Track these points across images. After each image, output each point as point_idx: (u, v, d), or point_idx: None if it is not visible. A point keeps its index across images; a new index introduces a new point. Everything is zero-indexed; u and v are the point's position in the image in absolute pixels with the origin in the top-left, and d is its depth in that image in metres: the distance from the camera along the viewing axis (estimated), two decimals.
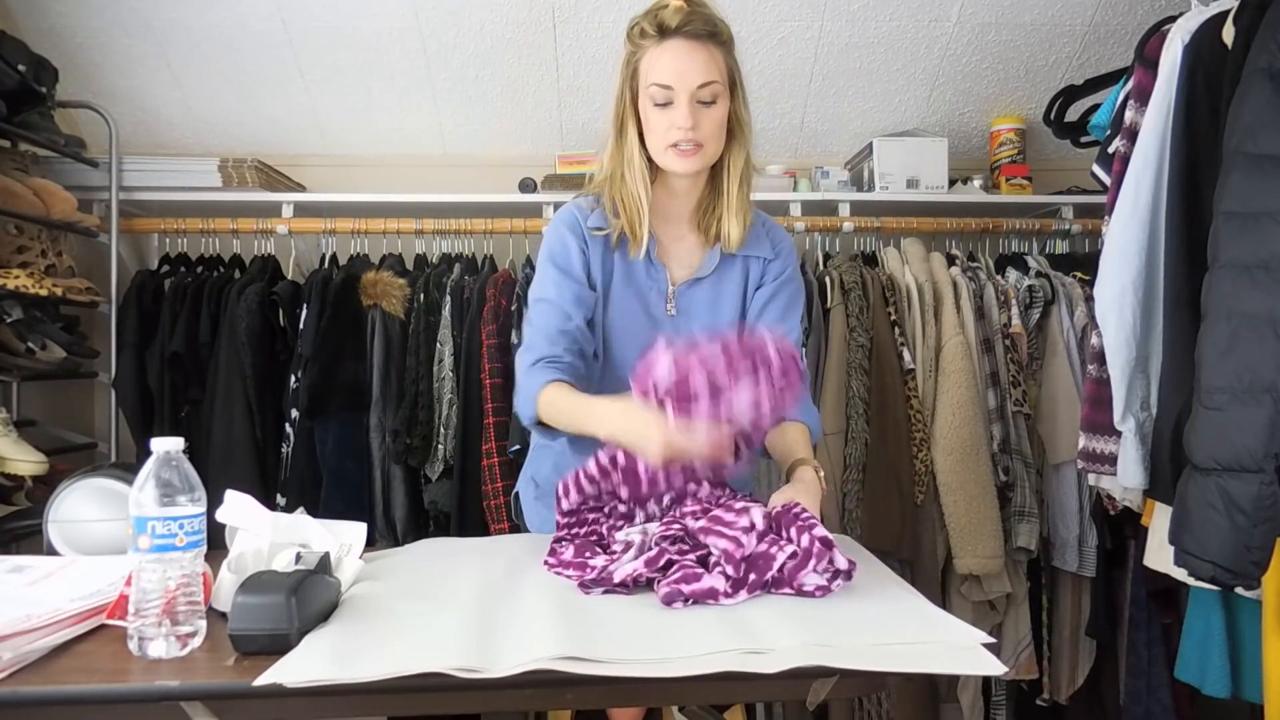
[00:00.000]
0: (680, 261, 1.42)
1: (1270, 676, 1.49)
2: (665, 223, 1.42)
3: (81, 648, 0.91)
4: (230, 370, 2.22)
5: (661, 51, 1.28)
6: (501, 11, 2.44)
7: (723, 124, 1.32)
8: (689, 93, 1.27)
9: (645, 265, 1.40)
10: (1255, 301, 1.33)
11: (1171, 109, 1.59)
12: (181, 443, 0.92)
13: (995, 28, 2.56)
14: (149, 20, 2.42)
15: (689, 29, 1.27)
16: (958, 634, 0.91)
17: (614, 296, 1.40)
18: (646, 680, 0.81)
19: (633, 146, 1.34)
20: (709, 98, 1.28)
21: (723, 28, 1.31)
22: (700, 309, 1.41)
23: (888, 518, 2.21)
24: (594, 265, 1.39)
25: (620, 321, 1.40)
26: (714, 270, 1.41)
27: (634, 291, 1.40)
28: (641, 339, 1.38)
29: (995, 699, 2.40)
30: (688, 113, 1.27)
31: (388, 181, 2.70)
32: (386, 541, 2.22)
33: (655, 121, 1.30)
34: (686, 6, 1.28)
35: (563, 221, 1.42)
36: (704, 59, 1.28)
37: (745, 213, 1.38)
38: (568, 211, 1.43)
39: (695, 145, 1.29)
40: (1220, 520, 1.33)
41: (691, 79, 1.27)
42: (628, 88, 1.34)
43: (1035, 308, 2.36)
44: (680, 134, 1.28)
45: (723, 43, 1.31)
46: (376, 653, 0.85)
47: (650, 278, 1.40)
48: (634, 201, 1.35)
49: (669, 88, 1.27)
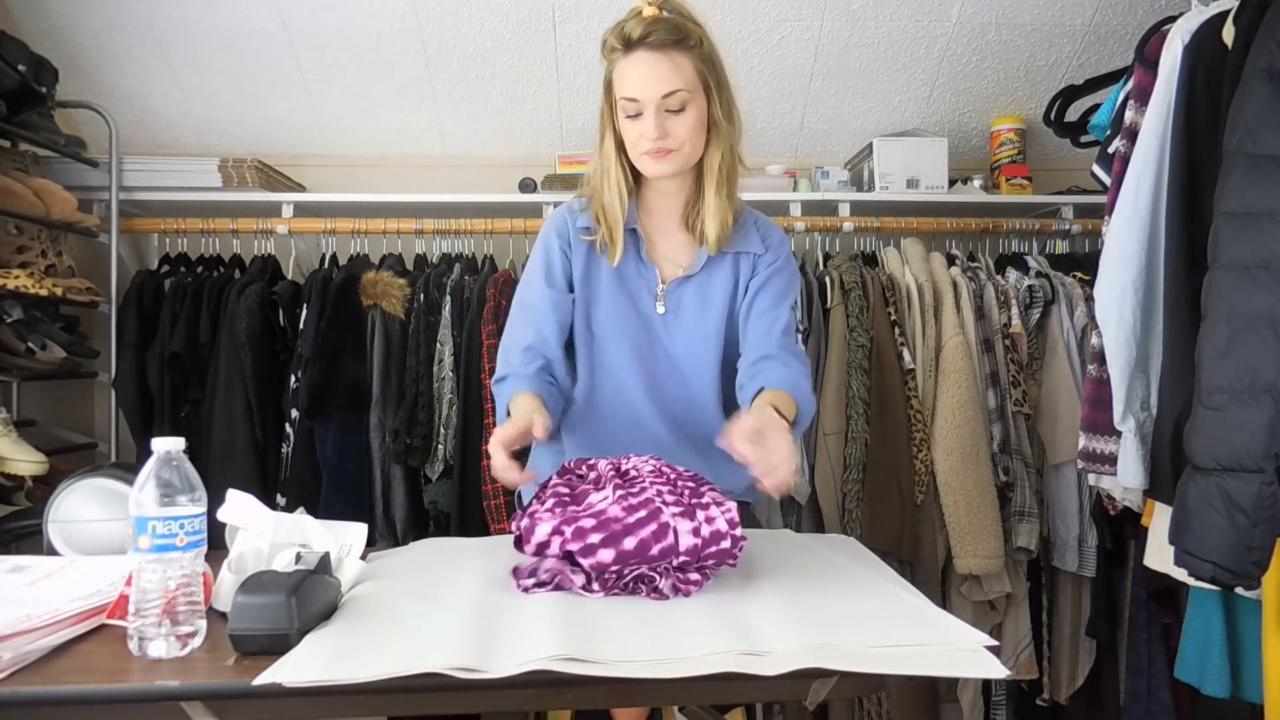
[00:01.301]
0: (670, 259, 1.44)
1: (1270, 676, 1.49)
2: (656, 221, 1.44)
3: (81, 648, 0.91)
4: (230, 370, 2.22)
5: (628, 64, 1.30)
6: (501, 11, 2.44)
7: (697, 127, 1.32)
8: (655, 103, 1.29)
9: (635, 264, 1.42)
10: (1255, 301, 1.34)
11: (1171, 109, 1.59)
12: (182, 443, 0.92)
13: (995, 28, 2.56)
14: (149, 20, 2.42)
15: (651, 39, 1.27)
16: (959, 636, 0.90)
17: (604, 295, 1.42)
18: (646, 680, 0.81)
19: (609, 157, 1.37)
20: (677, 106, 1.30)
21: (692, 31, 1.30)
22: (689, 307, 1.42)
23: (888, 518, 2.21)
24: (578, 267, 1.42)
25: (611, 319, 1.42)
26: (702, 268, 1.42)
27: (625, 290, 1.42)
28: (633, 336, 1.42)
29: (995, 699, 2.40)
30: (654, 123, 1.29)
31: (388, 181, 2.70)
32: (386, 541, 2.22)
33: (629, 132, 1.33)
34: (652, 15, 1.28)
35: (551, 223, 1.46)
36: (668, 69, 1.28)
37: (724, 212, 1.38)
38: (559, 213, 1.47)
39: (668, 150, 1.31)
40: (1220, 520, 1.33)
41: (656, 90, 1.28)
42: (605, 99, 1.36)
43: (1035, 308, 2.36)
44: (649, 143, 1.31)
45: (691, 47, 1.30)
46: (376, 653, 0.85)
47: (641, 276, 1.42)
48: (610, 212, 1.38)
49: (635, 100, 1.29)
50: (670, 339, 1.43)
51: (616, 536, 1.02)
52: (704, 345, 1.43)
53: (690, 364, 1.43)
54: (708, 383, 1.43)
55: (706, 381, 1.43)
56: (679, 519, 1.04)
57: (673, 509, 1.05)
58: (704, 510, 1.06)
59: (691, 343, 1.43)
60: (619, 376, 1.43)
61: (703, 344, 1.43)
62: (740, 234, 1.42)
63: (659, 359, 1.44)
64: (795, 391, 1.31)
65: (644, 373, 1.43)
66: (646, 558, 1.02)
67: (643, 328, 1.42)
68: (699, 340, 1.43)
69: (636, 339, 1.42)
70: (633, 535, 1.02)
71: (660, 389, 1.44)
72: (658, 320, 1.42)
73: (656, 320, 1.42)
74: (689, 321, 1.42)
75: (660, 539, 1.02)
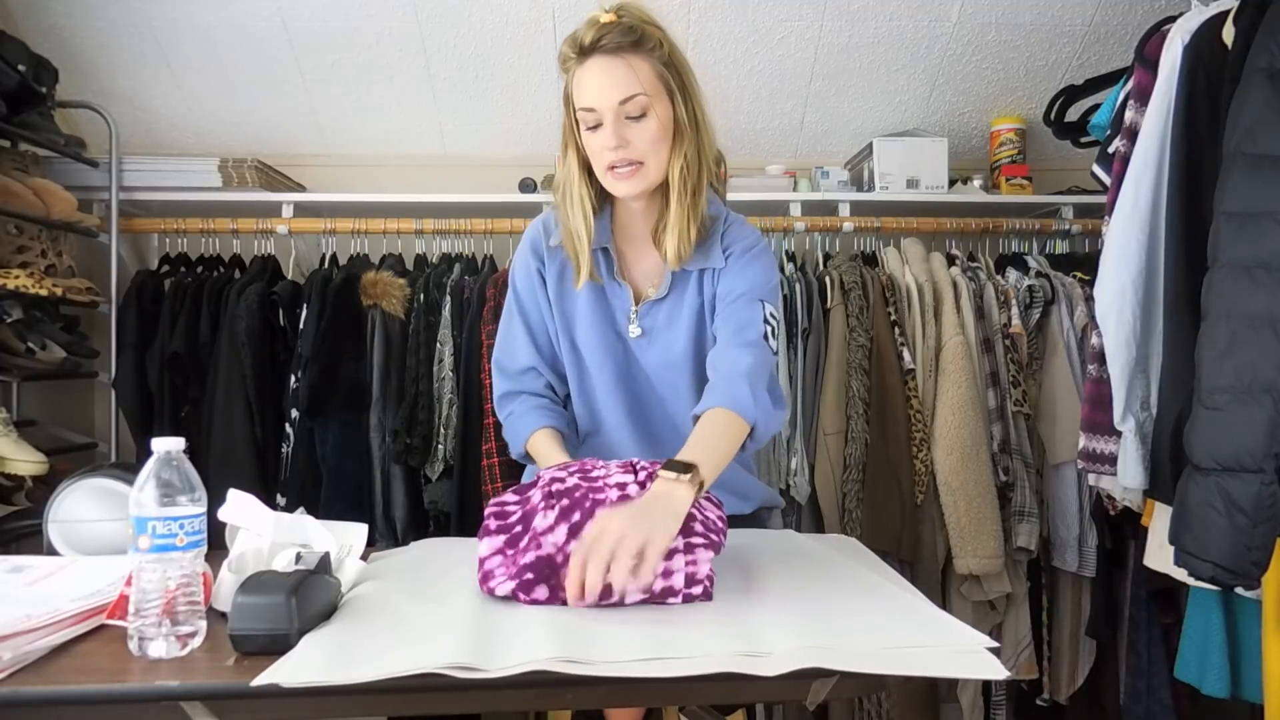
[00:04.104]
0: (645, 280, 1.38)
1: (1270, 676, 1.49)
2: (629, 241, 1.38)
3: (81, 648, 0.91)
4: (230, 370, 2.22)
5: (583, 73, 1.23)
6: (501, 11, 2.44)
7: (660, 135, 1.24)
8: (613, 110, 1.21)
9: (610, 284, 1.36)
10: (1255, 301, 1.34)
11: (1171, 109, 1.59)
12: (182, 443, 0.92)
13: (995, 28, 2.56)
14: (149, 20, 2.42)
15: (604, 44, 1.20)
16: (959, 637, 0.90)
17: (582, 315, 1.37)
18: (646, 680, 0.81)
19: (572, 178, 1.30)
20: (636, 111, 1.22)
21: (650, 33, 1.22)
22: (661, 330, 1.36)
23: (888, 518, 2.21)
24: (553, 284, 1.38)
25: (592, 339, 1.37)
26: (671, 289, 1.35)
27: (602, 310, 1.37)
28: (614, 358, 1.37)
29: (995, 699, 2.40)
30: (612, 132, 1.22)
31: (388, 181, 2.70)
32: (386, 541, 2.22)
33: (591, 145, 1.26)
34: (606, 19, 1.22)
35: (527, 239, 1.42)
36: (623, 73, 1.21)
37: (684, 224, 1.28)
38: (534, 228, 1.42)
39: (632, 165, 1.24)
40: (1220, 520, 1.33)
41: (612, 96, 1.21)
42: (567, 115, 1.29)
43: (1035, 308, 2.36)
44: (612, 155, 1.23)
45: (650, 50, 1.22)
46: (376, 653, 0.85)
47: (615, 297, 1.37)
48: (576, 236, 1.31)
49: (593, 110, 1.22)
50: (646, 361, 1.38)
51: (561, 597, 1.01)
52: (675, 371, 1.36)
53: (666, 388, 1.38)
54: (685, 408, 1.32)
55: (684, 407, 1.33)
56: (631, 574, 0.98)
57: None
58: (666, 560, 1.01)
59: (665, 367, 1.37)
60: (603, 399, 1.38)
61: (673, 370, 1.36)
62: (704, 249, 1.33)
63: (639, 381, 1.39)
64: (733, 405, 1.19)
65: (627, 396, 1.38)
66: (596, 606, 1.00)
67: (622, 349, 1.37)
68: (670, 366, 1.36)
69: (617, 361, 1.37)
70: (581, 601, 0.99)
71: (643, 412, 1.39)
72: (632, 343, 1.37)
73: (631, 343, 1.37)
74: (662, 346, 1.36)
75: (606, 597, 0.99)
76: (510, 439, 1.41)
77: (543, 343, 1.41)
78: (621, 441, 1.38)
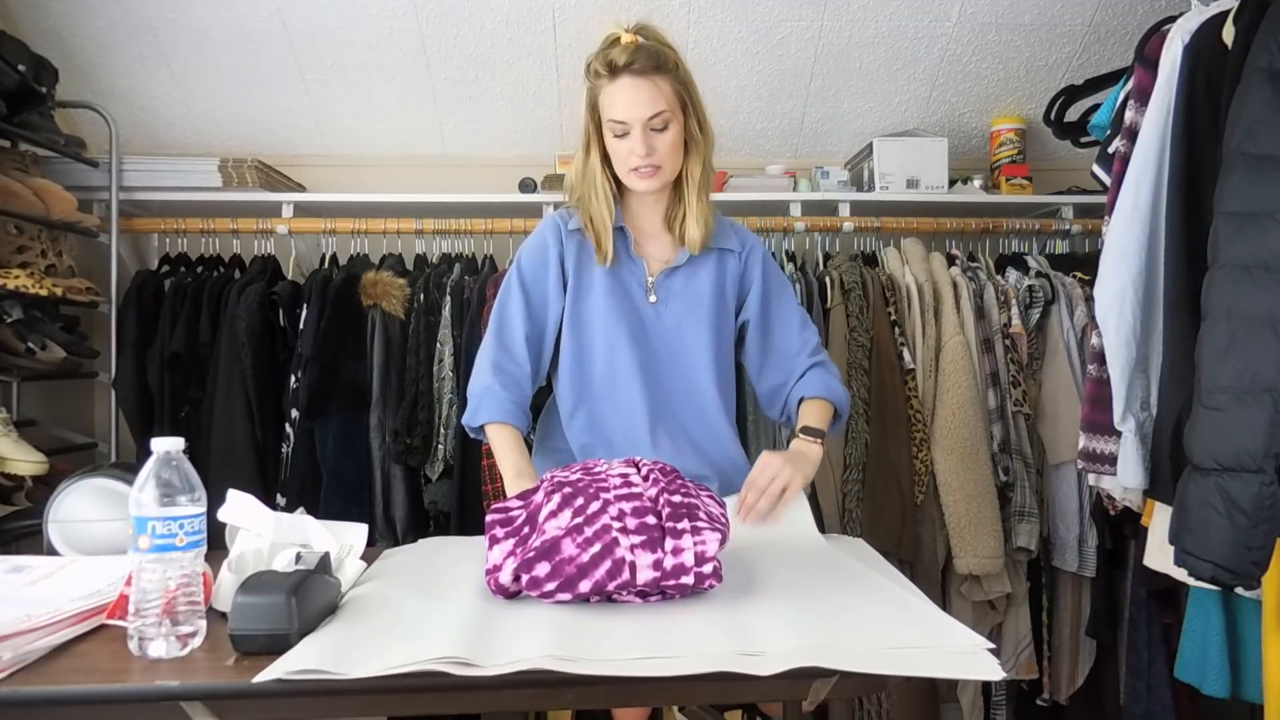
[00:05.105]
0: (656, 256, 1.56)
1: (1270, 676, 1.49)
2: (641, 225, 1.57)
3: (81, 648, 0.91)
4: (230, 370, 2.22)
5: (615, 90, 1.42)
6: (501, 11, 2.44)
7: (676, 144, 1.46)
8: (641, 124, 1.42)
9: (625, 260, 1.54)
10: (1255, 301, 1.33)
11: (1171, 109, 1.59)
12: (181, 443, 0.92)
13: (995, 28, 2.56)
14: (149, 20, 2.42)
15: (635, 66, 1.40)
16: (959, 637, 0.90)
17: (598, 286, 1.52)
18: (646, 680, 0.81)
19: (595, 171, 1.50)
20: (660, 125, 1.43)
21: (668, 56, 1.44)
22: (678, 294, 1.54)
23: (888, 518, 2.21)
24: (571, 261, 1.54)
25: (607, 306, 1.51)
26: (687, 261, 1.54)
27: (618, 282, 1.53)
28: (629, 322, 1.51)
29: (995, 699, 2.40)
30: (642, 142, 1.43)
31: (388, 181, 2.70)
32: (386, 541, 2.22)
33: (617, 149, 1.46)
34: (633, 43, 1.41)
35: (545, 224, 1.58)
36: (651, 93, 1.41)
37: (705, 216, 1.52)
38: (550, 218, 1.59)
39: (653, 168, 1.45)
40: (1220, 520, 1.33)
41: (642, 112, 1.42)
42: (591, 119, 1.48)
43: (1035, 308, 2.36)
44: (638, 160, 1.44)
45: (669, 71, 1.43)
46: (376, 651, 0.85)
47: (631, 271, 1.54)
48: (599, 220, 1.51)
49: (623, 122, 1.43)
50: (662, 325, 1.54)
51: (572, 581, 1.01)
52: (695, 329, 1.54)
53: (684, 346, 1.54)
54: (702, 364, 1.53)
55: (701, 363, 1.53)
56: (640, 550, 1.02)
57: (634, 538, 1.02)
58: (675, 539, 1.03)
59: (684, 326, 1.54)
60: (613, 359, 1.51)
61: (694, 327, 1.54)
62: (716, 232, 1.56)
63: (652, 342, 1.53)
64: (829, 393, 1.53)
65: (639, 355, 1.51)
66: (603, 592, 1.02)
67: (636, 316, 1.53)
68: (690, 325, 1.54)
69: (632, 324, 1.52)
70: (587, 578, 1.01)
71: (655, 371, 1.52)
72: (649, 309, 1.54)
73: (648, 309, 1.54)
74: (680, 308, 1.54)
75: (616, 575, 1.01)
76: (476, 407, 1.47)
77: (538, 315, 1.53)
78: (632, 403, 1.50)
